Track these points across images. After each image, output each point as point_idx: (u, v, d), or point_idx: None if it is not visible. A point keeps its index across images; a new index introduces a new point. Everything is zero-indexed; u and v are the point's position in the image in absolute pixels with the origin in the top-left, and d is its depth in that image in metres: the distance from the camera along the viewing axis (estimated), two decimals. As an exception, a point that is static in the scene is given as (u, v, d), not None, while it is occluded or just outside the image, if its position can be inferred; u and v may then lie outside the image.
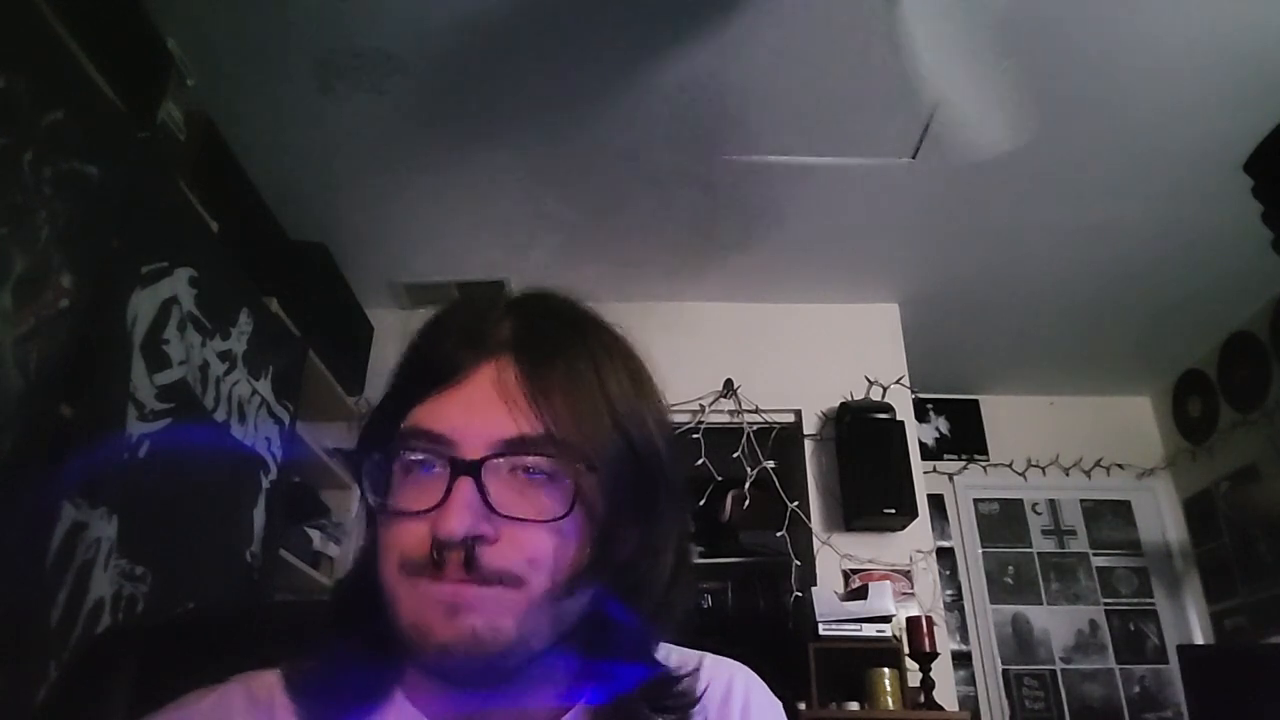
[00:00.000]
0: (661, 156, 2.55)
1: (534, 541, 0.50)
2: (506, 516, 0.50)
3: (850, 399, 3.13)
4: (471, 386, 0.53)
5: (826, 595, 2.72)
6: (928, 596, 2.90)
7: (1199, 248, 2.94)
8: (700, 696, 0.58)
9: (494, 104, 2.33)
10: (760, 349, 3.25)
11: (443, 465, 0.51)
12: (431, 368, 0.54)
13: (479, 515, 0.49)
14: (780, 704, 0.63)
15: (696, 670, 0.59)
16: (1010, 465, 3.89)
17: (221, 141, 2.29)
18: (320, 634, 0.57)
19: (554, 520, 0.50)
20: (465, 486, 0.49)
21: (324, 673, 0.55)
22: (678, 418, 3.04)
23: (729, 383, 3.17)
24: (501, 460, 0.50)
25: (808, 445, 3.13)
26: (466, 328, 0.56)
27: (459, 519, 0.48)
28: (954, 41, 1.79)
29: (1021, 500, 3.92)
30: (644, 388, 0.59)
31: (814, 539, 2.98)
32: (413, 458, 0.52)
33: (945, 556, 3.68)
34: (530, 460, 0.51)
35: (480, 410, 0.52)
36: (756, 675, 0.64)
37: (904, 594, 2.86)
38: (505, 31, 2.09)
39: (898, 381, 3.19)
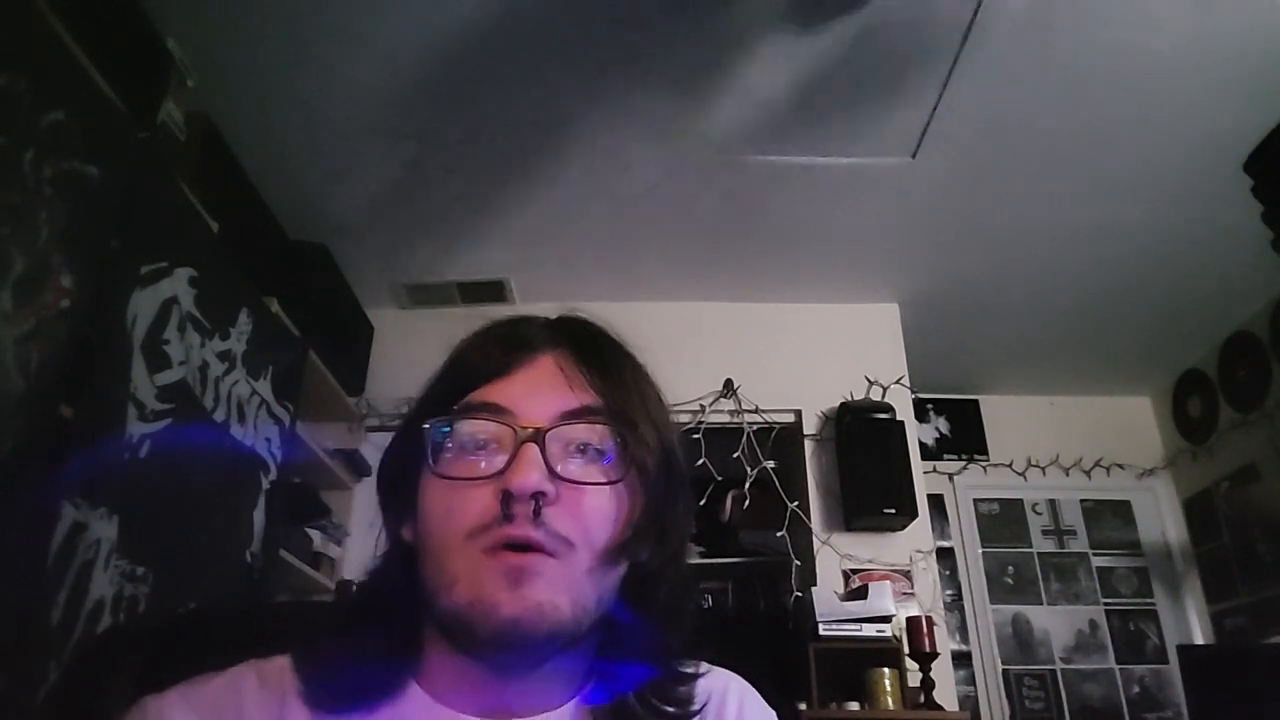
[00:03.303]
0: (662, 157, 2.55)
1: (589, 505, 0.55)
2: (568, 480, 0.54)
3: (850, 399, 3.13)
4: (530, 372, 0.58)
5: (826, 595, 2.72)
6: (928, 596, 2.90)
7: (1199, 247, 2.94)
8: (700, 708, 0.59)
9: (494, 105, 2.33)
10: (760, 349, 3.25)
11: (503, 439, 0.55)
12: (484, 364, 0.59)
13: (544, 476, 0.53)
14: (774, 714, 0.64)
15: (695, 677, 0.61)
16: (1010, 465, 3.89)
17: (221, 141, 2.29)
18: (336, 624, 0.58)
19: (610, 483, 0.55)
20: (530, 450, 0.53)
21: (337, 661, 0.56)
22: (678, 418, 3.03)
23: (729, 383, 3.17)
24: (562, 430, 0.55)
25: (808, 445, 3.13)
26: (515, 335, 0.61)
27: (527, 475, 0.52)
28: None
29: (1021, 500, 3.92)
30: (668, 410, 0.64)
31: (814, 539, 2.98)
32: (473, 430, 0.56)
33: (945, 556, 3.68)
34: (587, 431, 0.56)
35: (541, 387, 0.57)
36: (750, 685, 0.65)
37: (904, 594, 2.86)
38: (505, 33, 2.09)
39: (898, 381, 3.19)
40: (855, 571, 2.92)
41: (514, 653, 0.53)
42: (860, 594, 2.73)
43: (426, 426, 0.56)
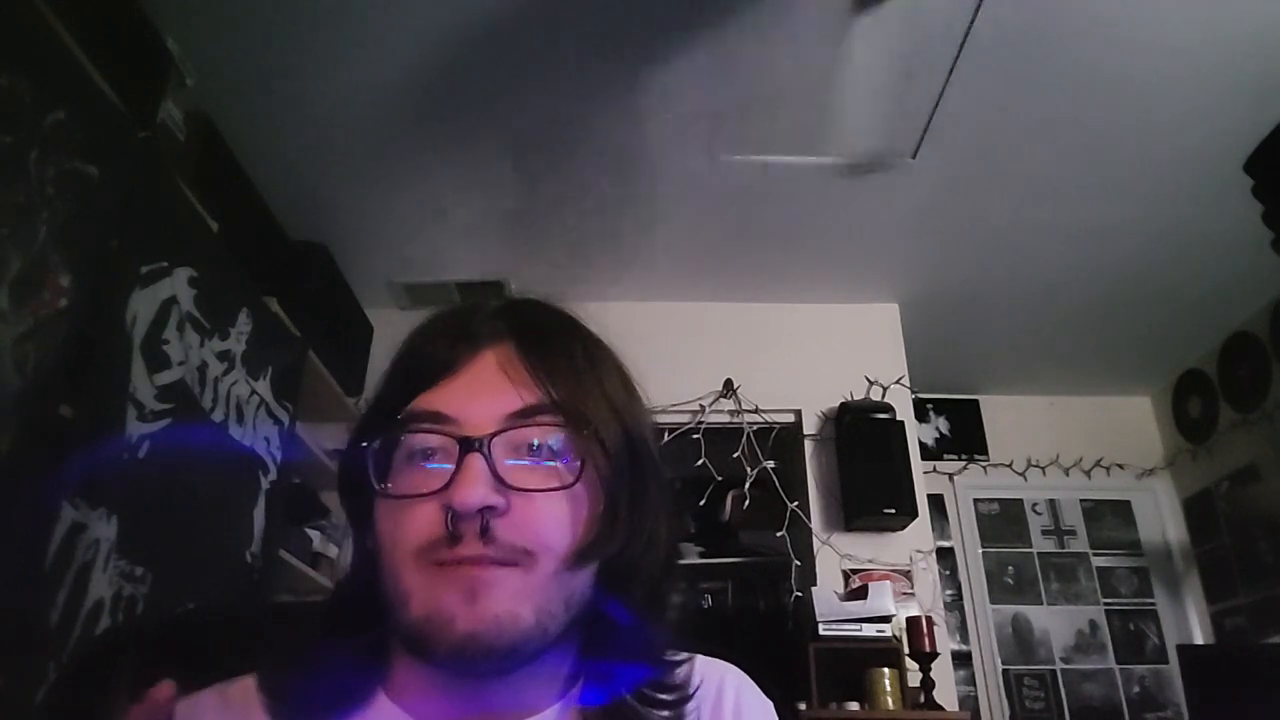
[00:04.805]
0: (661, 157, 2.55)
1: (544, 513, 0.51)
2: (517, 489, 0.50)
3: (850, 399, 3.13)
4: (473, 372, 0.54)
5: (826, 595, 2.72)
6: (928, 596, 2.90)
7: (1199, 248, 2.94)
8: (693, 694, 0.58)
9: (494, 105, 2.33)
10: (760, 349, 3.25)
11: (448, 448, 0.51)
12: (428, 363, 0.55)
13: (490, 487, 0.49)
14: (770, 704, 0.63)
15: (689, 669, 0.59)
16: (1010, 465, 3.88)
17: (221, 141, 2.29)
18: (306, 638, 0.57)
19: (562, 489, 0.52)
20: (475, 462, 0.50)
21: (302, 676, 0.54)
22: (678, 418, 3.04)
23: (729, 383, 3.16)
24: (508, 434, 0.52)
25: (808, 445, 3.13)
26: (459, 327, 0.57)
27: (471, 490, 0.49)
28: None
29: (1021, 500, 3.91)
30: (630, 384, 0.61)
31: (814, 539, 2.98)
32: (417, 442, 0.52)
33: (945, 556, 3.68)
34: (536, 431, 0.52)
35: (484, 389, 0.53)
36: (747, 676, 0.64)
37: (904, 594, 2.86)
38: (506, 33, 2.09)
39: (898, 381, 3.18)
40: (855, 571, 2.92)
41: (477, 665, 0.50)
42: (860, 594, 2.73)
43: (366, 445, 0.53)
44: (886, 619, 2.60)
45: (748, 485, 3.07)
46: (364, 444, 0.53)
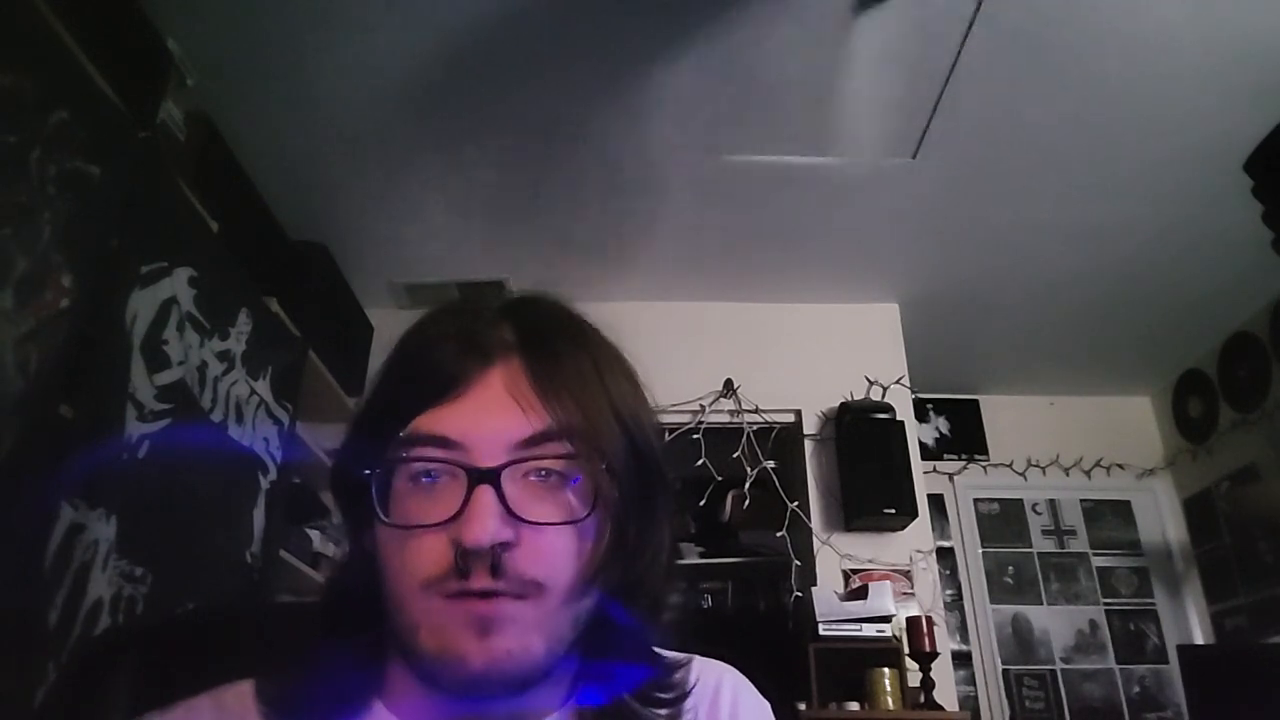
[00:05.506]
0: (661, 157, 2.55)
1: (556, 544, 0.50)
2: (530, 522, 0.49)
3: (850, 399, 3.13)
4: (480, 392, 0.52)
5: (826, 595, 2.72)
6: (928, 596, 2.90)
7: (1199, 248, 2.94)
8: (690, 690, 0.58)
9: (494, 105, 2.33)
10: (760, 349, 3.25)
11: (454, 474, 0.49)
12: (431, 376, 0.52)
13: (502, 522, 0.48)
14: (768, 705, 0.63)
15: (687, 668, 0.59)
16: (1010, 465, 3.89)
17: (221, 141, 2.29)
18: (305, 639, 0.56)
19: (577, 522, 0.50)
20: (485, 494, 0.48)
21: (298, 683, 0.53)
22: (678, 418, 3.04)
23: (729, 383, 3.16)
24: (519, 465, 0.50)
25: (808, 445, 3.13)
26: (463, 334, 0.54)
27: (483, 527, 0.47)
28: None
29: (1021, 500, 3.92)
30: (639, 390, 0.59)
31: (814, 539, 2.98)
32: (420, 467, 0.50)
33: (945, 556, 3.68)
34: (547, 461, 0.50)
35: (493, 414, 0.51)
36: (745, 677, 0.64)
37: (904, 594, 2.86)
38: (507, 34, 2.09)
39: (898, 381, 3.18)
40: (855, 571, 2.92)
41: (488, 696, 0.49)
42: (860, 594, 2.73)
43: (368, 473, 0.51)
44: (886, 619, 2.60)
45: (748, 485, 3.07)
46: (365, 468, 0.51)
